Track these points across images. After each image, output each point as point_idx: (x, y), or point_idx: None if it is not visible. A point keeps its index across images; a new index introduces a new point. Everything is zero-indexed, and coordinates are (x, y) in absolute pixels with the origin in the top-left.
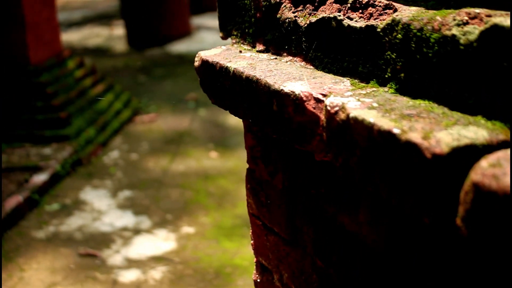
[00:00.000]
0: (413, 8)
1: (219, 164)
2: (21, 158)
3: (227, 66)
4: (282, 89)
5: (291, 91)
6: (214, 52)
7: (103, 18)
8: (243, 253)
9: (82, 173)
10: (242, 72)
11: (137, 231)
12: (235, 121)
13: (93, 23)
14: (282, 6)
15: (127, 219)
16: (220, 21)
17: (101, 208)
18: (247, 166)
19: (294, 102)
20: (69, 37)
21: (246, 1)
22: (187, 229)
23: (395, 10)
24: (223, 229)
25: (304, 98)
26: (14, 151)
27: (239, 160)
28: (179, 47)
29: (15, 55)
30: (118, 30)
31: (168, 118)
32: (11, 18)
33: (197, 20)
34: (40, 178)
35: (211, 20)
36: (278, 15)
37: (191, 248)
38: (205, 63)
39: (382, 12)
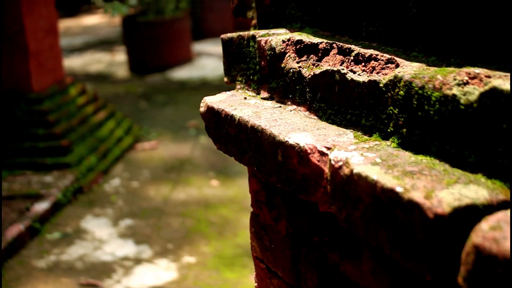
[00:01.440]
0: (415, 64)
1: (220, 193)
2: (23, 186)
3: (232, 114)
4: (287, 141)
5: (296, 143)
6: (219, 98)
7: (104, 44)
8: (244, 284)
9: (83, 201)
10: (247, 121)
11: (138, 261)
12: None
13: (94, 49)
14: (286, 55)
15: (128, 248)
16: (225, 66)
17: (102, 237)
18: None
19: (299, 154)
20: (71, 62)
21: (251, 49)
22: (188, 259)
23: (397, 65)
24: (224, 258)
25: (309, 151)
26: (16, 178)
27: (240, 189)
28: (180, 73)
29: (18, 82)
30: (120, 56)
31: (169, 145)
32: (14, 46)
33: (198, 46)
34: (41, 206)
35: (212, 46)
36: (283, 65)
37: (192, 278)
38: (210, 109)
39: (384, 66)
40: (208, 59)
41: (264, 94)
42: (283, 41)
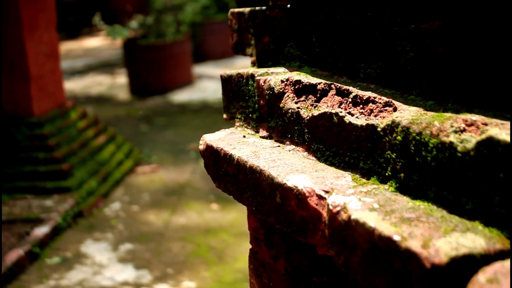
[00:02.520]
0: (412, 109)
1: (220, 217)
2: (23, 210)
3: (231, 154)
4: (285, 183)
5: (294, 186)
6: (218, 136)
7: (106, 67)
8: None
9: (84, 225)
10: (246, 161)
11: (137, 286)
12: None
13: (95, 71)
14: (285, 95)
15: (128, 273)
16: (224, 103)
17: (102, 261)
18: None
19: (297, 197)
20: (72, 85)
21: (250, 88)
22: (188, 284)
23: (395, 109)
24: (224, 284)
25: (307, 194)
26: (16, 202)
27: (239, 213)
28: (181, 96)
29: (19, 106)
30: (121, 79)
31: (169, 169)
32: (15, 70)
33: (199, 69)
34: (41, 230)
35: (213, 69)
36: (281, 104)
37: None
38: (209, 148)
39: (382, 109)
40: (208, 82)
41: (263, 132)
42: (282, 81)
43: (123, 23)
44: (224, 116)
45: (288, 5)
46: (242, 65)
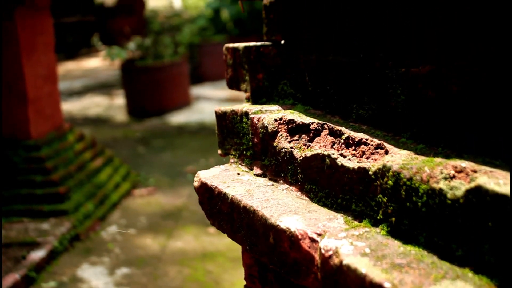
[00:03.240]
0: (403, 152)
1: (217, 241)
2: (19, 233)
3: (225, 192)
4: (278, 224)
5: (287, 228)
6: (213, 173)
7: (103, 88)
8: None
9: (80, 249)
10: (239, 201)
11: None
12: None
13: (93, 92)
14: (278, 134)
15: None
16: (219, 139)
17: (98, 286)
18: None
19: (290, 239)
20: (70, 106)
21: (244, 125)
22: None
23: (386, 152)
24: None
25: (300, 236)
26: (12, 226)
27: None
28: (179, 117)
29: (16, 129)
30: (118, 100)
31: (166, 191)
32: (13, 93)
33: (196, 90)
34: (37, 254)
35: (210, 90)
36: (275, 143)
37: None
38: (204, 185)
39: (374, 151)
40: (206, 103)
41: (257, 170)
42: (276, 120)
43: (121, 44)
44: (219, 151)
45: (282, 41)
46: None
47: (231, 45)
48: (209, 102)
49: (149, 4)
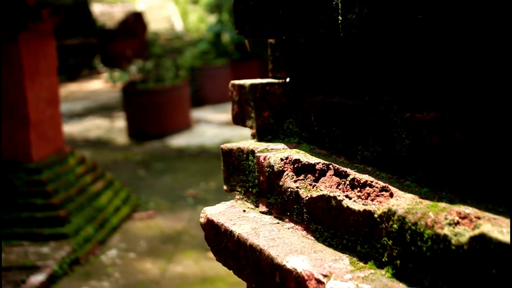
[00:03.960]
0: (408, 196)
1: (217, 265)
2: (19, 257)
3: (231, 230)
4: (284, 264)
5: (294, 268)
6: (219, 210)
7: (104, 110)
8: None
9: (80, 273)
10: (246, 239)
11: None
12: None
13: (94, 114)
14: (284, 174)
15: None
16: (225, 175)
17: None
18: None
19: (296, 279)
20: (71, 128)
21: (250, 163)
22: None
23: (391, 195)
24: None
25: (306, 278)
26: (12, 249)
27: None
28: (179, 140)
29: (17, 152)
30: (119, 122)
31: (166, 215)
32: (15, 116)
33: (197, 113)
34: (37, 278)
35: (211, 114)
36: (281, 182)
37: None
38: (210, 222)
39: (379, 193)
40: (206, 126)
41: (263, 208)
42: (282, 159)
43: (123, 66)
44: (225, 187)
45: (287, 79)
46: None
47: (237, 82)
48: (210, 125)
49: (151, 27)
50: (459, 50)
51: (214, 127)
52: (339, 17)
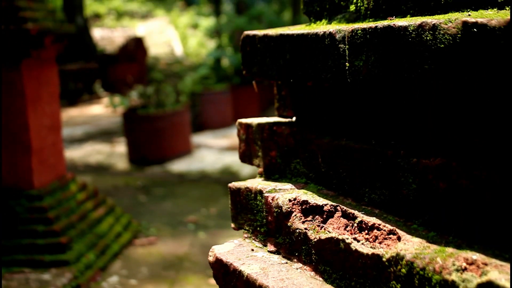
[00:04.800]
0: (416, 240)
1: None
2: (20, 284)
3: (240, 270)
4: None
5: None
6: (227, 248)
7: (105, 135)
8: None
9: None
10: (255, 279)
11: None
12: None
13: (95, 139)
14: (292, 215)
15: None
16: (233, 213)
17: None
18: None
19: None
20: (71, 154)
21: (258, 202)
22: None
23: (399, 238)
24: None
25: None
26: (13, 276)
27: None
28: (180, 165)
29: (19, 179)
30: (120, 147)
31: (167, 241)
32: (17, 143)
33: (197, 138)
34: None
35: (212, 139)
36: (289, 223)
37: None
38: (219, 261)
39: (386, 236)
40: (207, 151)
41: (271, 247)
42: (290, 200)
43: (123, 91)
44: (232, 225)
45: (294, 118)
46: None
47: (244, 120)
48: (210, 150)
49: (151, 51)
50: (466, 101)
51: (214, 152)
52: (347, 63)
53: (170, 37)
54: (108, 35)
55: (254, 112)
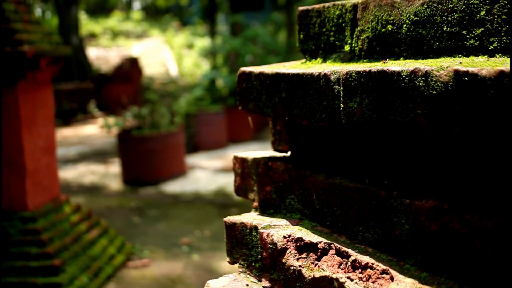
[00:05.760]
0: (408, 281)
1: None
2: None
3: None
4: None
5: None
6: (222, 283)
7: (99, 155)
8: None
9: None
10: None
11: None
12: (229, 267)
13: (89, 160)
14: (287, 251)
15: None
16: (228, 247)
17: None
18: None
19: None
20: (65, 174)
21: (253, 238)
22: None
23: (392, 278)
24: None
25: None
26: None
27: None
28: (174, 186)
29: (12, 201)
30: (114, 168)
31: (161, 263)
32: (11, 165)
33: (191, 159)
34: None
35: (206, 160)
36: (284, 260)
37: None
38: None
39: (379, 276)
40: (201, 172)
41: (266, 283)
42: (284, 237)
43: (118, 112)
44: (227, 259)
45: (289, 152)
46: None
47: (239, 154)
48: (205, 171)
49: (146, 71)
50: (459, 146)
51: (209, 174)
52: (341, 104)
53: (165, 57)
54: (103, 55)
55: (248, 134)
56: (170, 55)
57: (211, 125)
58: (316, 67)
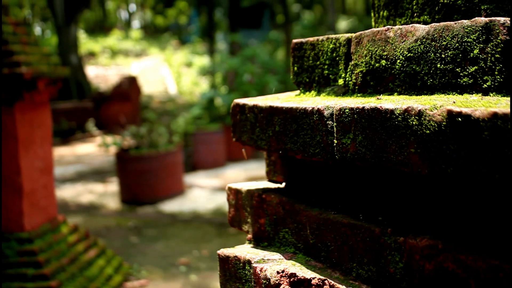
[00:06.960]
0: None
1: None
2: None
3: None
4: None
5: None
6: None
7: (97, 174)
8: None
9: None
10: None
11: None
12: None
13: (87, 179)
14: (280, 287)
15: None
16: (221, 280)
17: None
18: None
19: None
20: (63, 193)
21: (246, 272)
22: None
23: None
24: None
25: None
26: None
27: None
28: (172, 206)
29: (9, 221)
30: (112, 187)
31: (159, 284)
32: (8, 186)
33: (189, 179)
34: None
35: (204, 179)
36: None
37: None
38: None
39: None
40: (199, 191)
41: None
42: (278, 272)
43: (116, 131)
44: None
45: (283, 184)
46: (232, 177)
47: (233, 185)
48: (203, 190)
49: (144, 89)
50: (454, 185)
51: (207, 192)
52: (335, 140)
53: (164, 75)
54: (102, 74)
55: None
56: (169, 74)
57: (210, 144)
58: (309, 100)
